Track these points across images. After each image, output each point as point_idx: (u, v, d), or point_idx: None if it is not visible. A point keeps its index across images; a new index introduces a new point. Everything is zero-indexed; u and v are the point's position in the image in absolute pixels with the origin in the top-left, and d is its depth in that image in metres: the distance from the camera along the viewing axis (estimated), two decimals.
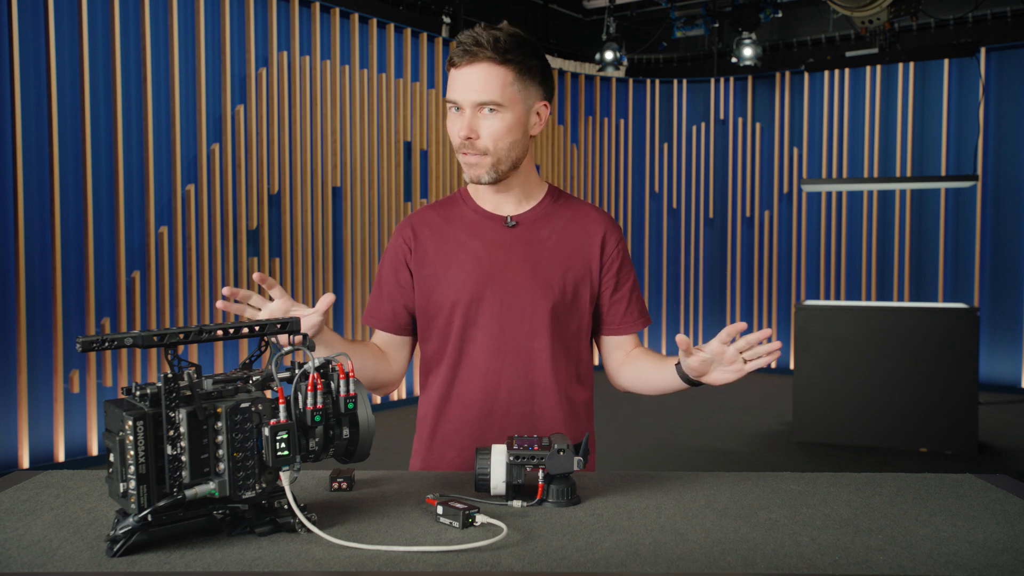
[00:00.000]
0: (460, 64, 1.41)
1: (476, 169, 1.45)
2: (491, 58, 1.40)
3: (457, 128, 1.43)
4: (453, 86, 1.43)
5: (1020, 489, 1.23)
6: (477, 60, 1.40)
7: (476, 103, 1.40)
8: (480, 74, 1.40)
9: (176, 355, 0.96)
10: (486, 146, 1.43)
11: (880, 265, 7.38)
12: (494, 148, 1.43)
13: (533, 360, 1.48)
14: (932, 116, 7.13)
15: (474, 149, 1.43)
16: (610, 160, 8.16)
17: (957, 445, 4.74)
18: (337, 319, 5.98)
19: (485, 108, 1.41)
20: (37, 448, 4.39)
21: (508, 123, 1.42)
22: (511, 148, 1.45)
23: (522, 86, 1.43)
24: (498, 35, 1.40)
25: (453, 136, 1.45)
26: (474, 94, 1.40)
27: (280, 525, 1.01)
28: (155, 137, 4.87)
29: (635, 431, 5.43)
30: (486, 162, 1.44)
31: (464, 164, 1.46)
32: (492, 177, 1.45)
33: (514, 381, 1.47)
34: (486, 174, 1.45)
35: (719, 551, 0.97)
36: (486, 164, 1.44)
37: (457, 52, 1.42)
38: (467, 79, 1.41)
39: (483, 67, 1.40)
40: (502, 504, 1.13)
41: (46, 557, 0.94)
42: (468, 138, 1.42)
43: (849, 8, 5.59)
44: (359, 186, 6.04)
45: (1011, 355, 6.80)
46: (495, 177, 1.46)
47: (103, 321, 4.61)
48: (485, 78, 1.40)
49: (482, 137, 1.42)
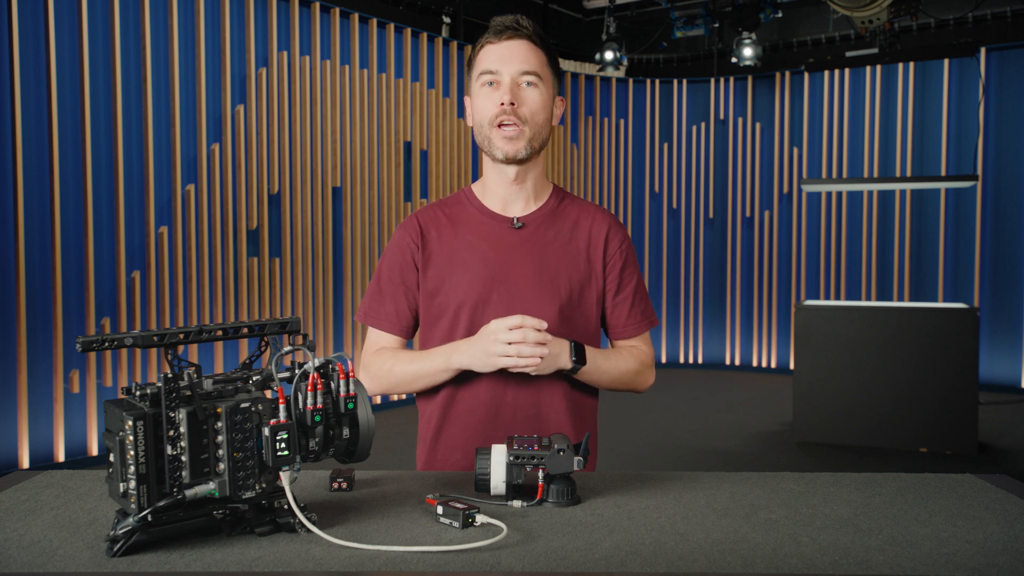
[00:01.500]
0: (500, 39, 1.45)
1: (515, 143, 1.45)
2: (531, 37, 1.46)
3: (497, 97, 1.44)
4: (491, 58, 1.45)
5: (1020, 489, 1.23)
6: (519, 36, 1.46)
7: (520, 71, 1.44)
8: (523, 48, 1.45)
9: (176, 355, 0.96)
10: (526, 115, 1.44)
11: (880, 265, 7.38)
12: (532, 120, 1.45)
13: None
14: (932, 116, 7.13)
15: (516, 117, 1.43)
16: (610, 160, 8.16)
17: (957, 445, 4.74)
18: (337, 319, 5.98)
19: (525, 81, 1.44)
20: (37, 448, 4.39)
21: (544, 99, 1.46)
22: (544, 126, 1.47)
23: (552, 72, 1.49)
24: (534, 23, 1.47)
25: (487, 109, 1.45)
26: (518, 63, 1.44)
27: (280, 525, 1.01)
28: (155, 137, 4.87)
29: (635, 431, 5.43)
30: (525, 134, 1.45)
31: (501, 139, 1.45)
32: (527, 153, 1.46)
33: (520, 384, 1.46)
34: (524, 148, 1.45)
35: (719, 551, 0.97)
36: (525, 137, 1.45)
37: (496, 29, 1.45)
38: (510, 51, 1.45)
39: (525, 43, 1.46)
40: (502, 504, 1.13)
41: (46, 557, 0.94)
42: (512, 103, 1.43)
43: (849, 8, 5.59)
44: (359, 186, 6.04)
45: (1011, 355, 6.80)
46: (529, 153, 1.46)
47: (103, 321, 4.61)
48: (528, 51, 1.45)
49: (521, 106, 1.44)
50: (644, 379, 1.57)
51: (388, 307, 1.53)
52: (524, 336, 1.32)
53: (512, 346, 1.32)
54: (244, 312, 5.31)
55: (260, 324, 1.04)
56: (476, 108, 1.48)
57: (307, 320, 5.75)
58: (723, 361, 8.15)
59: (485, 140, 1.47)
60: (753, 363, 8.01)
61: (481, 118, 1.46)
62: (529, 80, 1.44)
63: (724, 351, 8.16)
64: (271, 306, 5.50)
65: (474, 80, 1.48)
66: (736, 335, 8.08)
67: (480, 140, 1.49)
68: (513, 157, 1.46)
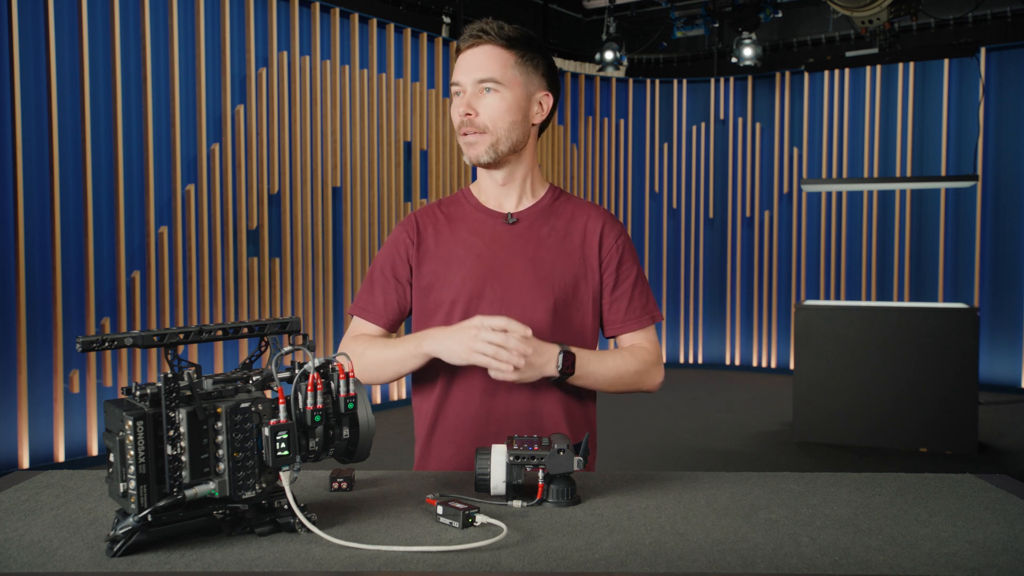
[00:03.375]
0: (464, 48, 1.48)
1: (474, 148, 1.48)
2: (494, 41, 1.47)
3: (459, 107, 1.47)
4: (458, 68, 1.49)
5: (1020, 489, 1.23)
6: (481, 43, 1.47)
7: (477, 80, 1.45)
8: (483, 55, 1.46)
9: (176, 355, 0.96)
10: (484, 124, 1.46)
11: (880, 265, 7.38)
12: (492, 127, 1.46)
13: None
14: (932, 116, 7.13)
15: (473, 127, 1.46)
16: (610, 160, 8.16)
17: (957, 445, 4.74)
18: (337, 319, 5.98)
19: (484, 88, 1.45)
20: (37, 448, 4.39)
21: (507, 103, 1.46)
22: (510, 129, 1.48)
23: (523, 71, 1.48)
24: (503, 24, 1.47)
25: (454, 117, 1.49)
26: (474, 71, 1.46)
27: (280, 525, 1.01)
28: (155, 137, 4.87)
29: (635, 431, 5.43)
30: (485, 140, 1.47)
31: (463, 144, 1.49)
32: (491, 157, 1.48)
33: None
34: (484, 153, 1.47)
35: (719, 551, 0.97)
36: (484, 143, 1.47)
37: (464, 39, 1.48)
38: (470, 60, 1.47)
39: (486, 48, 1.47)
40: (502, 504, 1.13)
41: (46, 557, 0.94)
42: (467, 115, 1.45)
43: (849, 8, 5.59)
44: (359, 186, 6.04)
45: (1011, 355, 6.80)
46: (493, 157, 1.48)
47: (103, 321, 4.61)
48: (487, 58, 1.46)
49: (480, 115, 1.46)
50: (650, 378, 1.54)
51: (376, 299, 1.55)
52: (505, 341, 1.31)
53: (491, 347, 1.32)
54: (244, 312, 5.31)
55: (260, 324, 1.04)
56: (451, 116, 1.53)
57: (307, 320, 5.75)
58: (723, 361, 8.15)
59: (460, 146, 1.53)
60: (753, 363, 8.01)
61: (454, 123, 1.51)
62: (488, 87, 1.46)
63: (724, 351, 8.16)
64: (271, 306, 5.50)
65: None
66: (736, 335, 8.08)
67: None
68: (476, 161, 1.49)
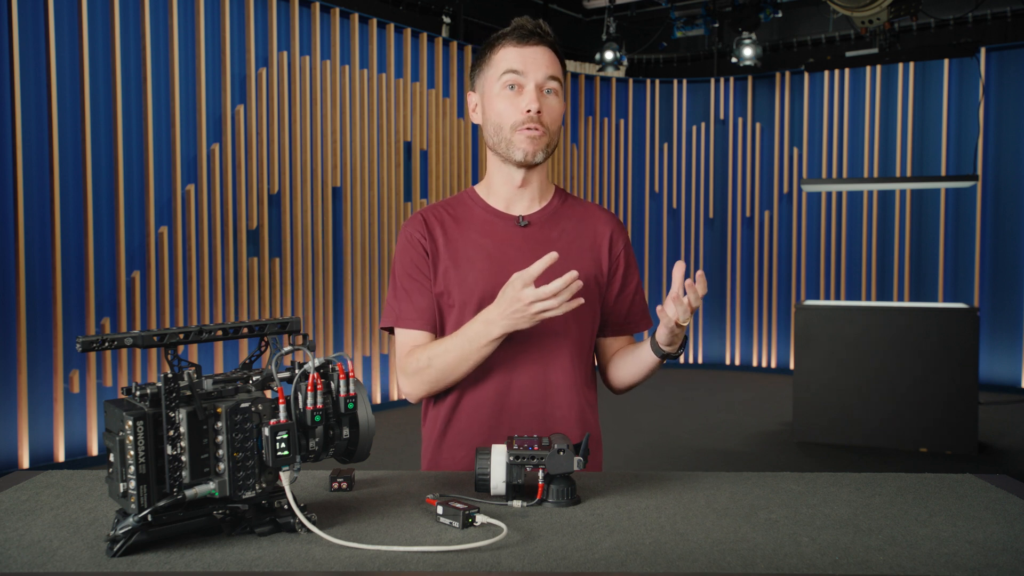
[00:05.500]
0: (525, 44, 1.46)
1: (536, 143, 1.46)
2: (552, 45, 1.49)
3: (524, 103, 1.44)
4: (517, 61, 1.45)
5: (1020, 489, 1.23)
6: (543, 43, 1.48)
7: (547, 76, 1.46)
8: (547, 55, 1.47)
9: (176, 355, 0.96)
10: (547, 122, 1.47)
11: (880, 265, 7.38)
12: (551, 127, 1.48)
13: (547, 359, 1.46)
14: (932, 116, 7.13)
15: (541, 124, 1.46)
16: (610, 160, 8.16)
17: (957, 445, 4.74)
18: (337, 319, 5.98)
19: (547, 88, 1.46)
20: (37, 448, 4.39)
21: (562, 107, 1.50)
22: (558, 133, 1.51)
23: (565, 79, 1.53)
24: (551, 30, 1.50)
25: (510, 113, 1.45)
26: (544, 68, 1.46)
27: (280, 525, 1.01)
28: (155, 137, 4.87)
29: (635, 431, 5.43)
30: (544, 140, 1.47)
31: (522, 140, 1.45)
32: (543, 156, 1.49)
33: (527, 380, 1.46)
34: (542, 151, 1.48)
35: (719, 551, 0.97)
36: (543, 141, 1.47)
37: (520, 32, 1.46)
38: (536, 57, 1.46)
39: (546, 50, 1.48)
40: (502, 504, 1.13)
41: (46, 557, 0.94)
42: (539, 111, 1.45)
43: (849, 8, 5.59)
44: (359, 186, 6.04)
45: (1011, 355, 6.80)
46: (544, 157, 1.50)
47: (103, 321, 4.61)
48: (551, 59, 1.48)
49: (544, 113, 1.46)
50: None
51: (414, 303, 1.50)
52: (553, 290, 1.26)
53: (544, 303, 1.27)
54: (244, 312, 5.31)
55: (260, 324, 1.04)
56: (495, 109, 1.47)
57: (307, 320, 5.75)
58: (723, 361, 8.15)
59: (503, 141, 1.47)
60: (753, 363, 8.01)
61: (501, 120, 1.46)
62: (551, 87, 1.46)
63: (724, 351, 8.16)
64: (271, 306, 5.50)
65: (493, 79, 1.47)
66: (736, 335, 8.08)
67: (495, 140, 1.49)
68: (532, 159, 1.47)
